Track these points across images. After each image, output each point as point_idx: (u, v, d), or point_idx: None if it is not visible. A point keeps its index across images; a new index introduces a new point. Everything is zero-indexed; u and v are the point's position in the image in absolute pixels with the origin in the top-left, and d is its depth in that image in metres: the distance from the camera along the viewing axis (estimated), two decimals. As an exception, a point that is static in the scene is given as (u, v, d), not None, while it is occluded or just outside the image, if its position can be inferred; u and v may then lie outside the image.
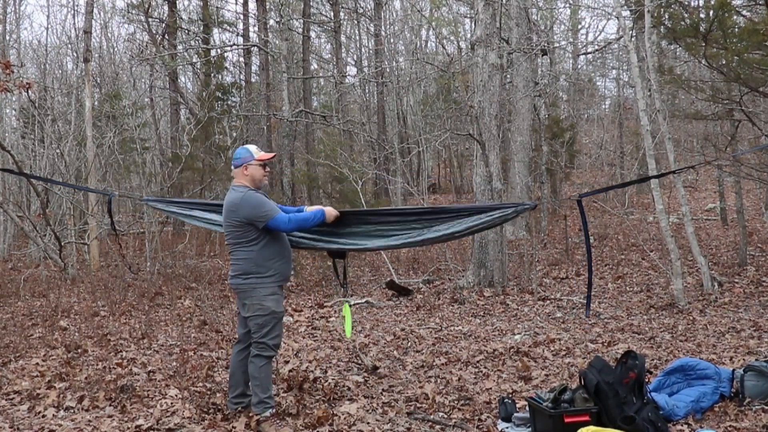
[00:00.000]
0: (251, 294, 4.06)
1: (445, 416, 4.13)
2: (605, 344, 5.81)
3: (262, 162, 4.16)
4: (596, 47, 20.14)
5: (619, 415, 3.66)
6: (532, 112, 14.34)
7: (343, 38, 22.71)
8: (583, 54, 21.89)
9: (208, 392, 4.60)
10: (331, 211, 4.23)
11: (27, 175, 8.60)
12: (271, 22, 18.16)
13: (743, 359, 4.98)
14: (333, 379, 4.93)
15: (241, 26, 21.17)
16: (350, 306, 4.51)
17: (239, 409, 4.16)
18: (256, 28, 18.83)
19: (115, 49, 23.60)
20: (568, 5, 17.36)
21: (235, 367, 4.22)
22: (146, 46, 20.34)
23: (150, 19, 18.83)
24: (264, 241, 4.06)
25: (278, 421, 3.99)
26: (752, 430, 3.70)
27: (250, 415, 4.07)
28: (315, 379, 4.87)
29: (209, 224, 4.68)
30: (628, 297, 8.07)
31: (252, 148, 4.20)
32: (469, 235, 4.51)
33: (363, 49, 25.21)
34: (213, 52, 18.96)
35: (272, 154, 4.28)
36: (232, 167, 4.19)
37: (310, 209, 4.31)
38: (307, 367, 5.29)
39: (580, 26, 22.38)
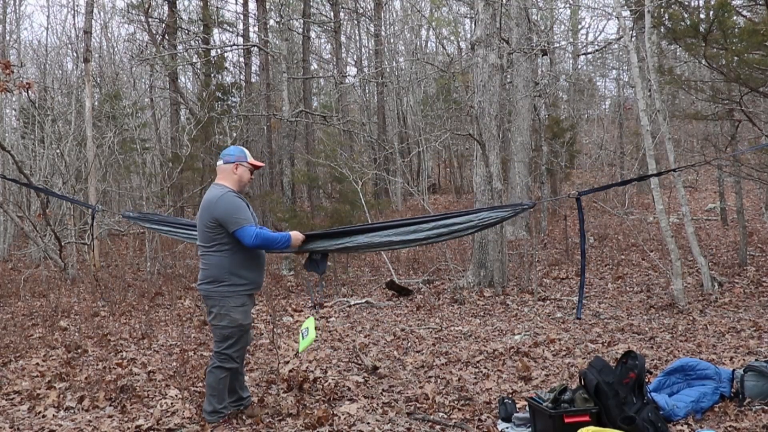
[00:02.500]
0: (220, 303, 3.88)
1: (445, 416, 4.13)
2: (605, 344, 5.81)
3: (253, 167, 4.04)
4: (596, 47, 20.14)
5: (619, 415, 3.66)
6: (532, 113, 14.34)
7: (343, 38, 22.72)
8: (583, 54, 21.89)
9: (208, 392, 4.60)
10: (297, 236, 4.00)
11: (17, 181, 8.59)
12: (271, 22, 18.18)
13: (743, 359, 4.98)
14: (333, 379, 4.93)
15: (241, 26, 21.19)
16: (315, 321, 4.27)
17: (240, 409, 4.16)
18: (256, 28, 18.84)
19: (115, 49, 23.63)
20: (568, 5, 17.36)
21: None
22: (146, 46, 20.34)
23: (150, 20, 18.82)
24: (238, 246, 3.86)
25: (230, 426, 3.97)
26: (752, 430, 3.70)
27: (254, 415, 4.08)
28: (315, 379, 4.87)
29: (188, 238, 4.60)
30: (628, 297, 8.07)
31: (246, 151, 4.06)
32: (468, 234, 4.44)
33: (363, 49, 25.24)
34: (213, 52, 18.96)
35: (263, 164, 4.15)
36: (221, 162, 3.99)
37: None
38: (307, 367, 5.28)
39: (580, 26, 22.40)
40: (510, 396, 4.39)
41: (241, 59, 22.11)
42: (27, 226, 11.90)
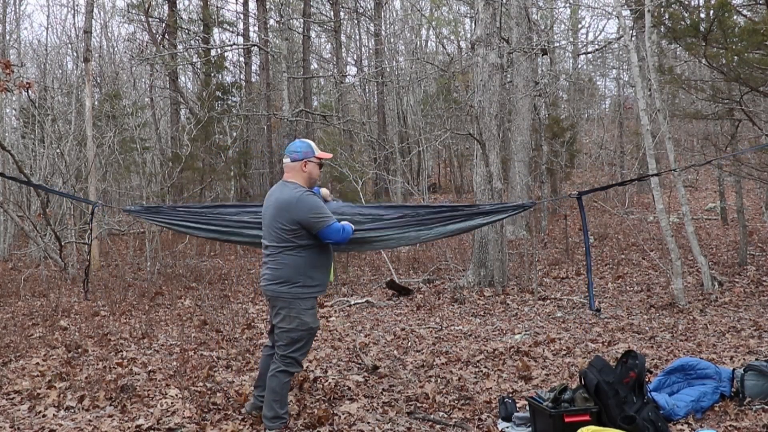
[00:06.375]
0: (291, 305, 3.73)
1: (446, 416, 4.13)
2: (605, 344, 5.81)
3: (321, 161, 3.88)
4: (596, 47, 20.16)
5: (619, 414, 3.66)
6: (532, 112, 14.34)
7: (343, 38, 22.71)
8: (583, 53, 21.90)
9: (209, 392, 4.60)
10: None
11: (14, 179, 8.57)
12: (271, 21, 18.19)
13: (743, 359, 4.98)
14: (333, 378, 4.93)
15: (241, 26, 21.21)
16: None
17: (260, 405, 4.05)
18: (256, 28, 18.85)
19: (115, 49, 23.64)
20: (568, 5, 17.35)
21: (264, 368, 4.04)
22: (146, 45, 20.35)
23: (150, 19, 18.84)
24: (316, 248, 3.76)
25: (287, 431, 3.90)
26: (752, 429, 3.70)
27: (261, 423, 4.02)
28: (315, 379, 4.86)
29: (192, 231, 4.58)
30: (628, 297, 8.07)
31: (312, 143, 3.88)
32: (467, 231, 4.47)
33: (363, 49, 25.23)
34: (213, 52, 18.97)
35: (331, 155, 4.02)
36: (288, 160, 3.82)
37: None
38: (307, 367, 5.28)
39: (580, 26, 22.40)
40: (510, 395, 4.39)
41: (241, 59, 22.12)
42: (27, 226, 11.90)
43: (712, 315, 6.75)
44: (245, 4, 20.52)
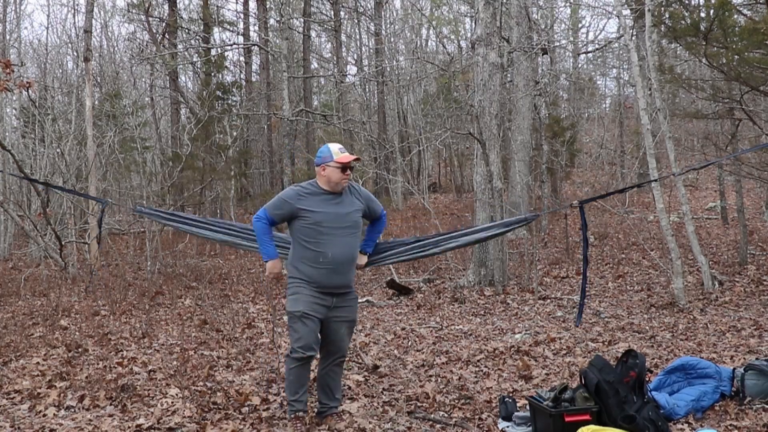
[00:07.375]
0: (287, 290, 4.01)
1: (446, 415, 4.13)
2: (606, 343, 5.81)
3: (342, 165, 3.86)
4: (597, 46, 20.16)
5: (619, 414, 3.66)
6: (532, 111, 14.32)
7: (343, 37, 22.72)
8: (583, 53, 21.91)
9: (209, 392, 4.60)
10: (272, 267, 4.05)
11: (27, 177, 8.58)
12: (272, 21, 18.20)
13: (744, 358, 4.98)
14: (333, 378, 4.92)
15: (241, 25, 21.22)
16: None
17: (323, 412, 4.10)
18: (256, 28, 18.87)
19: (116, 49, 23.67)
20: (568, 4, 17.36)
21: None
22: (146, 45, 20.36)
23: (150, 19, 18.84)
24: (296, 242, 3.94)
25: (298, 424, 3.91)
26: (753, 429, 3.70)
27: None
28: (315, 378, 4.86)
29: (200, 235, 4.63)
30: (628, 296, 8.07)
31: (334, 147, 3.92)
32: (473, 244, 4.58)
33: (363, 48, 25.22)
34: (213, 52, 18.98)
35: (354, 157, 3.93)
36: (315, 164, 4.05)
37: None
38: (307, 367, 5.28)
39: (580, 25, 22.41)
40: (510, 395, 4.39)
41: (242, 58, 22.15)
42: (27, 225, 11.91)
43: (712, 314, 6.75)
44: (245, 3, 20.53)
